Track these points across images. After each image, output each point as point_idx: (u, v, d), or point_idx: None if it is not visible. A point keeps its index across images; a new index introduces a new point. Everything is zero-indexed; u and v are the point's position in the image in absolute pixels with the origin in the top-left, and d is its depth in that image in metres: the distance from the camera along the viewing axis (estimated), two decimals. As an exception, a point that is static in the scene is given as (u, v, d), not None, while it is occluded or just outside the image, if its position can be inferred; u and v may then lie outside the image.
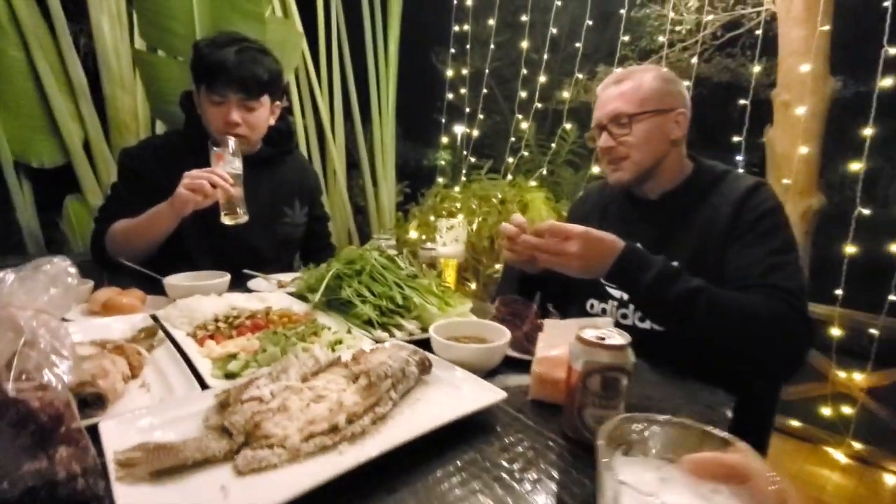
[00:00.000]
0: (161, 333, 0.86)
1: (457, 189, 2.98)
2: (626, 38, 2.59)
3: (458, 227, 1.15)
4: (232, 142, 1.23)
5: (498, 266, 2.45)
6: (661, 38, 2.61)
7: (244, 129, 1.36)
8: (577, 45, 2.71)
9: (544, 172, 2.91)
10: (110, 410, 0.63)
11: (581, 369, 0.60)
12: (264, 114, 1.40)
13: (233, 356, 0.76)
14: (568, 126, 2.88)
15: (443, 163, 3.58)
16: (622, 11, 2.61)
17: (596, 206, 1.27)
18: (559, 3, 2.85)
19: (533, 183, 2.80)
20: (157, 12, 2.22)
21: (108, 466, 0.49)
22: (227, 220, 1.22)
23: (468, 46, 3.25)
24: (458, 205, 2.72)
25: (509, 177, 2.93)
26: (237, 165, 1.24)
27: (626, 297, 1.10)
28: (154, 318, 0.95)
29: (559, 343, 0.72)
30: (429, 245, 1.25)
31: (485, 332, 0.86)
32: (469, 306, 1.03)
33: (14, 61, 2.18)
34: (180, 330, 0.89)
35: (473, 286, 2.73)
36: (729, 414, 0.77)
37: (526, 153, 3.02)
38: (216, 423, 0.57)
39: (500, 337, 0.82)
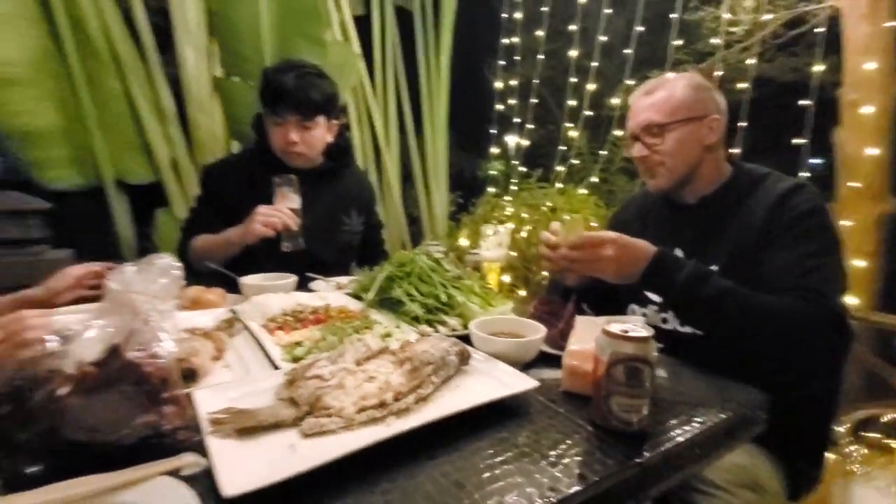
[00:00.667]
0: (239, 324, 1.00)
1: (507, 198, 3.04)
2: (680, 42, 2.55)
3: (501, 233, 1.22)
4: (293, 178, 1.42)
5: (546, 273, 2.48)
6: (716, 40, 2.54)
7: (302, 147, 1.52)
8: (628, 51, 2.70)
9: (595, 180, 2.91)
10: (200, 384, 0.75)
11: (607, 360, 0.65)
12: (320, 133, 1.56)
13: (298, 344, 0.87)
14: (619, 133, 2.86)
15: (493, 173, 3.65)
16: (674, 16, 2.58)
17: (637, 214, 1.30)
18: (609, 11, 2.85)
19: (583, 191, 2.81)
20: (233, 40, 2.48)
21: (200, 425, 0.60)
22: (287, 248, 1.41)
23: (517, 57, 3.31)
24: (508, 213, 2.78)
25: (559, 185, 2.95)
26: (298, 201, 1.43)
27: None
28: (233, 311, 1.09)
29: (590, 338, 0.76)
30: (474, 250, 1.32)
31: (521, 328, 0.92)
32: (510, 306, 1.09)
33: (113, 90, 2.49)
34: (255, 322, 1.02)
35: (523, 293, 2.76)
36: (764, 415, 0.78)
37: (576, 161, 3.03)
38: (286, 396, 0.67)
39: (536, 333, 0.88)
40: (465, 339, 0.89)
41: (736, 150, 2.34)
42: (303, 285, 1.39)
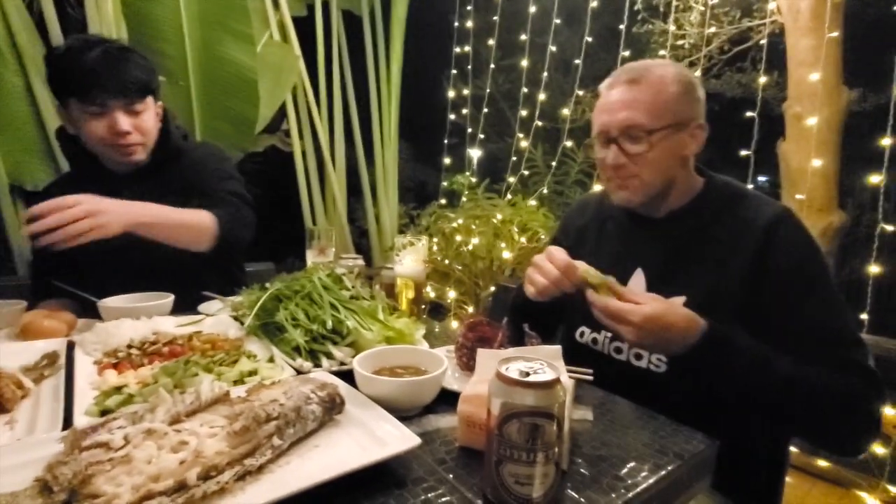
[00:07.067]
0: (62, 361, 0.77)
1: (459, 209, 2.90)
2: (627, 54, 2.50)
3: (417, 246, 1.04)
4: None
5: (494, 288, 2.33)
6: (662, 53, 2.51)
7: (136, 136, 1.21)
8: (577, 61, 2.63)
9: (545, 191, 2.81)
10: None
11: (497, 413, 0.48)
12: (151, 117, 1.26)
13: (119, 389, 0.66)
14: (569, 143, 2.77)
15: (446, 184, 3.51)
16: (622, 27, 2.53)
17: (594, 220, 1.11)
18: (558, 22, 2.80)
19: (533, 202, 2.70)
20: (150, 35, 2.24)
21: None
22: None
23: (470, 67, 3.22)
24: (455, 225, 2.63)
25: (509, 196, 2.83)
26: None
27: None
28: (71, 343, 0.86)
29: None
30: (388, 265, 1.15)
31: (423, 361, 0.74)
32: (421, 332, 0.91)
33: (13, 87, 2.21)
34: (91, 357, 0.80)
35: (471, 309, 2.61)
36: (708, 471, 0.63)
37: (526, 172, 2.93)
38: (45, 475, 0.47)
39: (436, 367, 0.70)
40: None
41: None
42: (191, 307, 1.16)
